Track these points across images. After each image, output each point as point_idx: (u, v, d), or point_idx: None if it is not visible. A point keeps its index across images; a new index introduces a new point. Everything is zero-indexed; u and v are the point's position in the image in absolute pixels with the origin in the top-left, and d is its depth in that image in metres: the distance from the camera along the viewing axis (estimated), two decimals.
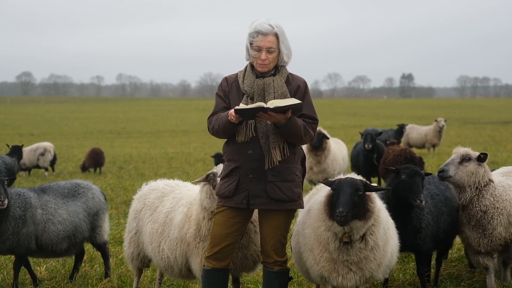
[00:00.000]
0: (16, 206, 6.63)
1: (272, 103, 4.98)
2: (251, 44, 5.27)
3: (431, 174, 6.81)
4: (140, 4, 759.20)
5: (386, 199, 6.18)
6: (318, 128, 12.77)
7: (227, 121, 5.17)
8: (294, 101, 5.03)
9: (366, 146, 13.40)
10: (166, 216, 6.08)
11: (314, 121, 5.34)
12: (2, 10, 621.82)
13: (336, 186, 5.10)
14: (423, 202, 6.10)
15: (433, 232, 6.42)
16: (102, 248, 7.47)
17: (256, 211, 5.58)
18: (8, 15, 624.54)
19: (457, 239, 8.08)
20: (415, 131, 24.03)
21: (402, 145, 19.63)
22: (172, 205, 6.11)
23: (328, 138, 12.97)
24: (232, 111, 5.10)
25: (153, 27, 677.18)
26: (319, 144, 12.65)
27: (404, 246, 6.21)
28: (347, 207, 4.92)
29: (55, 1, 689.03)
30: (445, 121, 23.95)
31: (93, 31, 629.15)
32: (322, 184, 6.12)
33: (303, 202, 5.44)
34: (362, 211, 5.06)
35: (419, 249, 6.38)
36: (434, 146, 23.59)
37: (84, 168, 20.86)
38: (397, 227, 6.06)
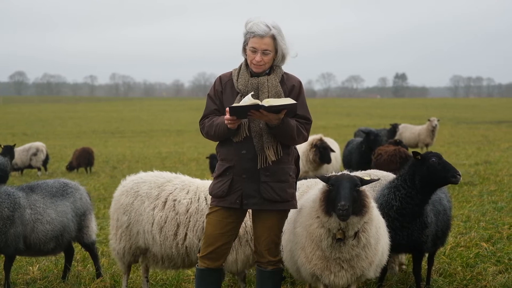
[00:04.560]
0: (4, 207, 6.56)
1: (268, 102, 4.96)
2: (246, 43, 5.26)
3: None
4: (136, 4, 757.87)
5: (405, 189, 6.18)
6: (323, 139, 12.69)
7: (225, 128, 5.13)
8: (289, 101, 5.00)
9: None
10: (187, 207, 6.26)
11: (307, 121, 5.32)
12: None
13: (334, 182, 5.08)
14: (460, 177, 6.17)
15: (433, 231, 6.44)
16: (90, 248, 7.45)
17: (249, 211, 5.58)
18: (2, 14, 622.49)
19: (450, 238, 8.13)
20: (408, 130, 24.07)
21: None
22: (191, 196, 6.31)
23: (334, 151, 12.92)
24: (227, 115, 5.06)
25: (147, 27, 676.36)
26: (330, 161, 12.62)
27: (408, 243, 6.24)
28: (348, 200, 4.93)
29: (51, 1, 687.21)
30: (438, 120, 23.99)
31: (87, 31, 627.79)
32: (313, 183, 6.13)
33: (296, 202, 5.44)
34: (359, 206, 5.06)
35: (422, 246, 6.37)
36: (427, 145, 23.62)
37: (71, 168, 20.78)
38: (406, 222, 6.17)
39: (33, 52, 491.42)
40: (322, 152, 12.44)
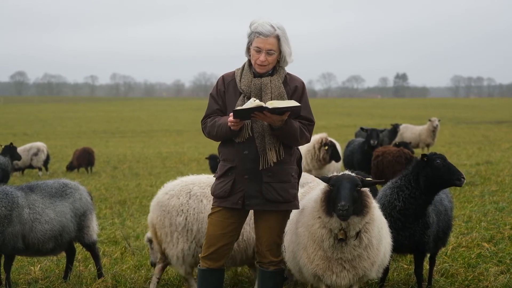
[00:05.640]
0: (1, 206, 6.56)
1: (271, 103, 4.96)
2: (251, 44, 5.25)
3: None
4: (136, 4, 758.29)
5: (409, 190, 6.21)
6: (331, 141, 12.72)
7: (228, 129, 5.14)
8: (293, 103, 4.99)
9: (371, 142, 13.23)
10: None
11: (310, 123, 5.32)
12: None
13: (335, 182, 5.08)
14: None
15: (434, 231, 6.44)
16: (91, 248, 7.44)
17: (251, 211, 5.58)
18: (2, 13, 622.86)
19: (452, 238, 8.12)
20: (409, 130, 24.06)
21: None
22: None
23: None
24: (231, 118, 5.07)
25: (148, 27, 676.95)
26: (341, 158, 12.64)
27: (411, 243, 6.25)
28: (348, 201, 4.92)
29: (51, 1, 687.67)
30: (439, 120, 23.97)
31: (87, 31, 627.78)
32: (315, 183, 6.11)
33: (298, 203, 5.44)
34: (360, 206, 5.06)
35: (424, 247, 6.37)
36: (428, 145, 23.62)
37: (71, 168, 20.78)
38: (408, 222, 6.18)
39: (33, 52, 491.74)
40: (333, 150, 12.48)
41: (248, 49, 5.30)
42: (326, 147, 12.45)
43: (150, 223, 6.70)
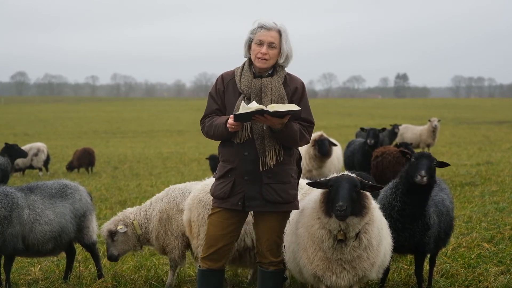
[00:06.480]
0: (1, 206, 6.56)
1: (272, 107, 4.96)
2: (252, 39, 5.27)
3: (449, 164, 6.49)
4: (136, 4, 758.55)
5: (402, 186, 6.23)
6: (323, 135, 12.73)
7: (224, 130, 5.14)
8: (294, 107, 4.99)
9: (368, 141, 13.22)
10: None
11: (310, 124, 5.32)
12: None
13: (334, 182, 5.09)
14: (424, 178, 6.01)
15: (435, 232, 6.44)
16: (91, 248, 7.44)
17: (251, 212, 5.58)
18: (3, 13, 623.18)
19: (452, 239, 8.12)
20: (410, 131, 24.05)
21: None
22: None
23: (335, 145, 12.93)
24: (230, 120, 5.07)
25: (148, 27, 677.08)
26: (329, 153, 12.64)
27: (411, 244, 6.25)
28: (346, 201, 4.93)
29: (51, 1, 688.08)
30: (439, 121, 23.94)
31: (87, 31, 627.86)
32: None
33: (298, 203, 5.44)
34: (358, 207, 5.07)
35: (424, 247, 6.37)
36: (428, 146, 23.60)
37: (71, 168, 20.80)
38: (408, 223, 6.18)
39: (33, 52, 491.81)
40: (320, 144, 12.49)
41: (249, 46, 5.31)
42: (313, 143, 12.54)
43: (187, 221, 6.57)
